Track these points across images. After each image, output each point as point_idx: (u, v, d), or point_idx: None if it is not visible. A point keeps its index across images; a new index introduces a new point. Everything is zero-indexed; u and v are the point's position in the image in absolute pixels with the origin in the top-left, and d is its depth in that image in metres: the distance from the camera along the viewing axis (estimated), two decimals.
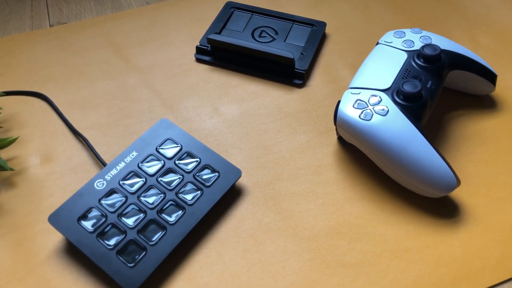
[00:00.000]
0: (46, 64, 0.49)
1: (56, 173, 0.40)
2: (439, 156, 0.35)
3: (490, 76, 0.43)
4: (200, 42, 0.50)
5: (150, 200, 0.36)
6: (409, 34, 0.44)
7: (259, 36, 0.50)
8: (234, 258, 0.35)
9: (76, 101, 0.46)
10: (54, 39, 0.52)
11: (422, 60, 0.41)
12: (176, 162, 0.38)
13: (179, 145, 0.39)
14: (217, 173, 0.38)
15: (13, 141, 0.40)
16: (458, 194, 0.39)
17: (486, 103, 0.45)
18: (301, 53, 0.48)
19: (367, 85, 0.39)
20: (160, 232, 0.35)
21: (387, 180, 0.39)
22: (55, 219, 0.35)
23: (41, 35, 0.52)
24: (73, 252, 0.35)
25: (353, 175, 0.40)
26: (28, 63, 0.49)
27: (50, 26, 0.54)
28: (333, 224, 0.37)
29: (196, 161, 0.38)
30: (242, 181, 0.40)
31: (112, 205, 0.36)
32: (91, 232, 0.34)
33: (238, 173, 0.38)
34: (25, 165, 0.41)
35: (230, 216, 0.37)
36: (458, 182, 0.36)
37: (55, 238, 0.36)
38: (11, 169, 0.39)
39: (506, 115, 0.44)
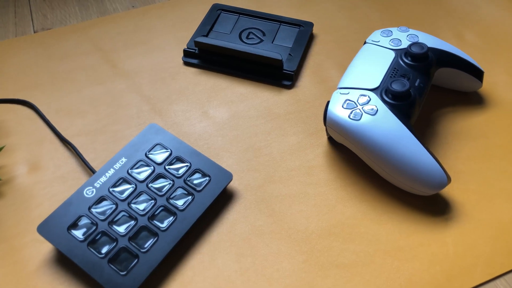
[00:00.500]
0: (31, 71, 0.48)
1: (44, 181, 0.39)
2: (429, 154, 0.36)
3: (477, 73, 0.44)
4: (187, 45, 0.50)
5: (141, 206, 0.36)
6: (396, 32, 0.44)
7: (247, 37, 0.50)
8: (228, 262, 0.35)
9: (63, 108, 0.45)
10: (38, 45, 0.51)
11: (409, 58, 0.41)
12: (166, 167, 0.38)
13: (169, 150, 0.39)
14: (208, 177, 0.38)
15: None
16: (449, 191, 0.39)
17: (473, 100, 0.45)
18: (289, 54, 0.48)
19: (356, 85, 0.39)
20: (152, 239, 0.34)
21: (378, 179, 0.39)
22: (44, 229, 0.34)
23: (25, 42, 0.51)
24: (64, 262, 0.35)
25: (344, 175, 0.40)
26: (12, 71, 0.48)
27: (35, 32, 0.53)
28: (326, 225, 0.37)
29: (187, 165, 0.38)
30: (234, 184, 0.39)
31: (102, 213, 0.35)
32: (81, 241, 0.34)
33: (229, 176, 0.38)
34: (12, 174, 0.40)
35: (222, 220, 0.37)
36: (448, 180, 0.36)
37: (45, 248, 0.35)
38: None
39: (494, 111, 0.44)
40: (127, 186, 0.37)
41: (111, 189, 0.36)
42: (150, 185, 0.37)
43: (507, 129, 0.43)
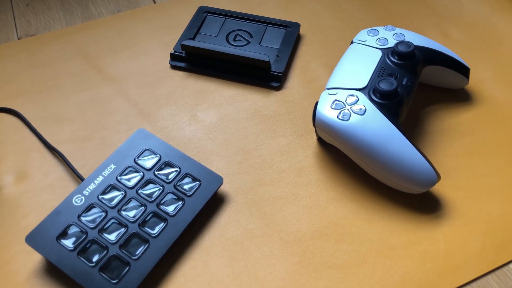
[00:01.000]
0: (15, 78, 0.48)
1: (31, 191, 0.39)
2: (418, 153, 0.36)
3: (463, 70, 0.44)
4: (174, 48, 0.49)
5: (131, 213, 0.35)
6: (383, 31, 0.44)
7: (234, 40, 0.50)
8: (220, 267, 0.35)
9: (49, 115, 0.44)
10: (23, 52, 0.50)
11: (396, 57, 0.41)
12: (156, 172, 0.38)
13: (158, 155, 0.39)
14: (198, 182, 0.37)
15: None
16: (438, 188, 0.39)
17: (460, 97, 0.46)
18: (277, 55, 0.48)
19: (344, 85, 0.39)
20: (143, 246, 0.34)
21: (369, 179, 0.40)
22: (33, 239, 0.34)
23: (9, 49, 0.51)
24: (54, 272, 0.34)
25: (334, 176, 0.40)
26: None
27: (18, 38, 0.53)
28: (318, 226, 0.37)
29: (176, 170, 0.38)
30: (224, 188, 0.39)
31: (92, 221, 0.35)
32: (71, 250, 0.33)
33: (219, 180, 0.38)
34: None
35: (214, 225, 0.37)
36: (438, 177, 0.36)
37: (34, 259, 0.35)
38: None
39: (481, 108, 0.45)
40: (116, 193, 0.36)
41: (100, 197, 0.36)
42: (139, 191, 0.37)
43: (494, 125, 0.43)
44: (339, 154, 0.41)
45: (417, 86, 0.46)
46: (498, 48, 0.50)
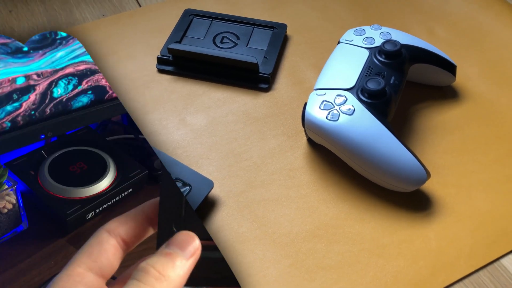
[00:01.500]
0: None
1: None
2: (407, 151, 0.36)
3: (450, 67, 0.44)
4: (161, 52, 0.49)
5: None
6: (369, 31, 0.44)
7: (221, 42, 0.50)
8: None
9: None
10: None
11: (383, 56, 0.41)
12: None
13: None
14: (188, 187, 0.37)
15: None
16: (429, 186, 0.39)
17: (448, 94, 0.46)
18: (264, 57, 0.48)
19: (332, 85, 0.39)
20: None
21: (359, 179, 0.40)
22: None
23: None
24: None
25: (325, 176, 0.40)
26: None
27: None
28: (310, 227, 0.37)
29: None
30: (215, 192, 0.39)
31: None
32: None
33: (210, 184, 0.37)
34: None
35: (206, 229, 0.37)
36: (428, 175, 0.36)
37: None
38: None
39: (468, 104, 0.45)
40: None
41: None
42: None
43: (482, 121, 0.44)
44: (329, 154, 0.41)
45: (405, 84, 0.46)
46: (483, 45, 0.51)
